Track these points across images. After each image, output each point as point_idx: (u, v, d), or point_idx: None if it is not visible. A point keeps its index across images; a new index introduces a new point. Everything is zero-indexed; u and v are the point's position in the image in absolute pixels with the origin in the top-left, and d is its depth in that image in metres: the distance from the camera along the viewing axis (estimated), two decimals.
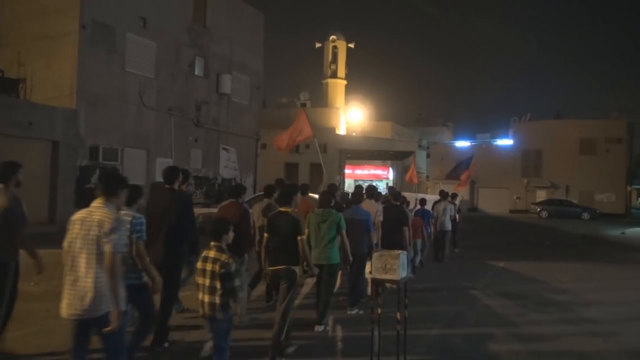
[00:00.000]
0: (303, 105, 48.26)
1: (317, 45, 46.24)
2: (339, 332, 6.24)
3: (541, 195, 42.13)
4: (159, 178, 18.13)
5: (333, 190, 8.32)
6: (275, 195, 7.10)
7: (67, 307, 3.49)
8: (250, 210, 6.83)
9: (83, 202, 4.08)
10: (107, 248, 3.42)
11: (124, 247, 3.65)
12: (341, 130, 43.43)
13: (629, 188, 43.10)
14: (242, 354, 5.09)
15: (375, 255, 4.98)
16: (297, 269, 5.30)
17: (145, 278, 4.53)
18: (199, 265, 4.24)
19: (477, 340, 6.23)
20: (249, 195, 15.13)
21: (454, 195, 14.86)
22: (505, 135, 50.05)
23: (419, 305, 7.48)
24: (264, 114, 30.59)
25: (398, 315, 4.94)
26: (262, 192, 8.25)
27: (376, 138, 43.16)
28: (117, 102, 17.21)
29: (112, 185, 3.68)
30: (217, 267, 4.10)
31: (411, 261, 10.08)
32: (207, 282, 4.15)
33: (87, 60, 16.06)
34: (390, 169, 47.12)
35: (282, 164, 37.67)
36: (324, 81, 46.18)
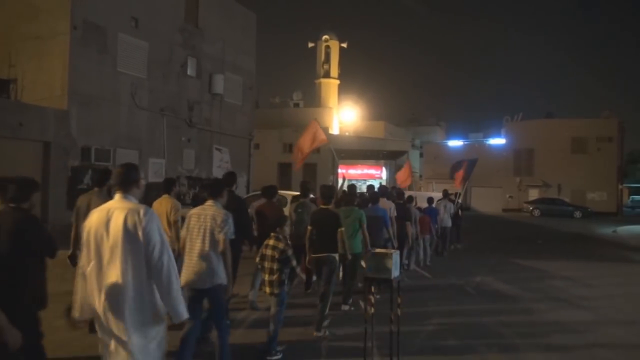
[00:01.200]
0: (296, 105, 48.31)
1: (310, 45, 46.23)
2: (334, 331, 6.25)
3: (533, 194, 42.35)
4: (152, 179, 18.12)
5: (353, 191, 9.52)
6: (312, 195, 8.34)
7: (186, 280, 4.44)
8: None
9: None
10: (221, 236, 4.51)
11: (232, 234, 4.66)
12: (334, 130, 43.47)
13: (620, 186, 43.40)
14: (294, 324, 6.23)
15: (368, 255, 5.02)
16: (337, 256, 6.38)
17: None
18: (262, 251, 5.34)
19: (469, 339, 6.25)
20: (243, 195, 15.07)
21: (457, 194, 16.07)
22: (498, 135, 50.27)
23: (410, 303, 7.52)
24: (257, 114, 30.55)
25: (392, 315, 4.96)
26: (257, 192, 8.96)
27: (369, 138, 43.21)
28: (109, 102, 17.12)
29: (218, 189, 4.87)
30: (275, 253, 5.19)
31: (414, 254, 11.22)
32: (268, 264, 5.23)
33: (79, 61, 15.97)
34: (384, 169, 47.18)
35: (276, 164, 37.66)
36: (317, 81, 46.17)
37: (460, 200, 16.06)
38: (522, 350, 5.89)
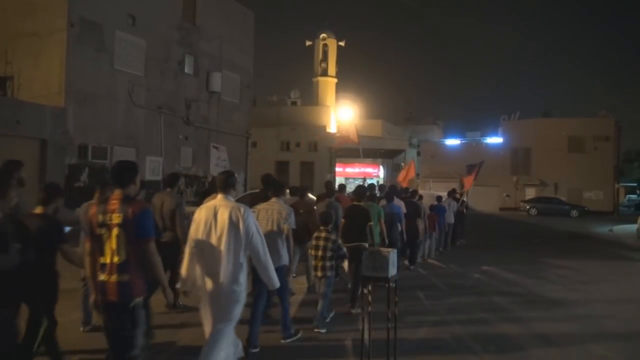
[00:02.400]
0: (293, 103, 48.31)
1: (308, 43, 46.21)
2: (331, 331, 6.26)
3: (530, 193, 42.43)
4: (149, 176, 18.10)
5: (372, 190, 10.35)
6: (337, 194, 9.30)
7: None
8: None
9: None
10: (286, 227, 5.65)
11: (294, 225, 5.77)
12: (332, 129, 43.46)
13: (616, 186, 43.51)
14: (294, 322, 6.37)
15: (365, 253, 5.04)
16: (366, 245, 7.17)
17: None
18: (313, 242, 6.35)
19: (466, 337, 6.27)
20: (239, 193, 15.09)
21: (461, 194, 17.44)
22: (495, 134, 50.34)
23: (408, 300, 7.54)
24: (255, 112, 30.55)
25: (389, 314, 4.97)
26: (253, 191, 9.36)
27: (367, 136, 43.21)
28: (106, 100, 17.09)
29: (280, 189, 6.01)
30: (328, 244, 6.26)
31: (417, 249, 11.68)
32: (320, 253, 6.26)
33: (76, 58, 15.93)
34: (381, 167, 47.23)
35: (273, 162, 37.65)
36: (315, 79, 46.16)
37: (466, 199, 17.16)
38: (522, 347, 5.91)
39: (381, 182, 42.45)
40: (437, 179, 42.16)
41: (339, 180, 43.03)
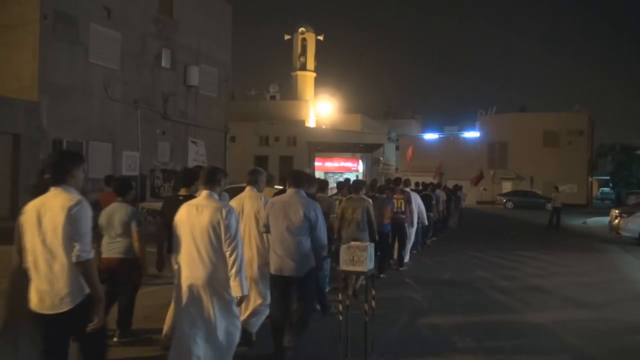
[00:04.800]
0: (272, 97, 48.12)
1: (286, 37, 45.99)
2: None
3: (507, 187, 43.09)
4: (126, 172, 17.86)
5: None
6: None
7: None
8: None
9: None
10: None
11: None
12: (311, 123, 43.43)
13: (590, 179, 44.43)
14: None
15: (343, 247, 5.05)
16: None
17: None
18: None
19: (444, 330, 6.36)
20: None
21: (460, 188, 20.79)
22: (472, 128, 50.93)
23: (385, 293, 7.60)
24: (233, 107, 30.34)
25: (366, 306, 5.01)
26: (234, 184, 9.00)
27: (346, 130, 43.31)
28: (81, 94, 16.79)
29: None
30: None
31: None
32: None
33: (49, 51, 15.60)
34: (360, 162, 47.39)
35: (252, 156, 37.48)
36: (293, 74, 46.02)
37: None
38: (497, 338, 6.02)
39: (360, 176, 42.67)
40: (415, 173, 42.44)
41: (317, 175, 43.12)
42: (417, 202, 11.59)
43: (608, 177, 57.16)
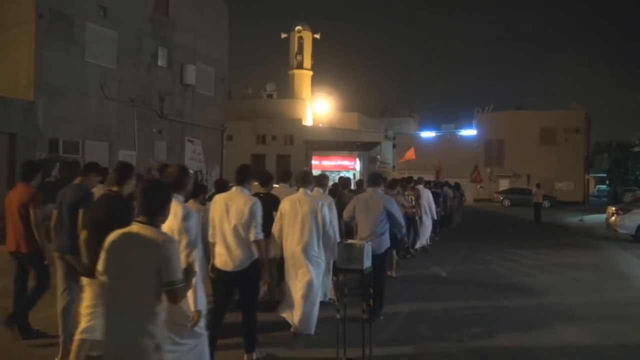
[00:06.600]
0: (269, 96, 48.06)
1: (283, 36, 45.91)
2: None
3: (504, 184, 43.16)
4: None
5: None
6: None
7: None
8: None
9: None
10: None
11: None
12: (307, 122, 43.38)
13: (586, 176, 44.53)
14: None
15: (340, 245, 5.06)
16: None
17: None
18: None
19: (442, 327, 6.37)
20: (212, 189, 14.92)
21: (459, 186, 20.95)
22: (469, 126, 50.97)
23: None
24: (230, 106, 30.31)
25: (364, 305, 5.01)
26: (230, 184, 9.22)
27: (343, 129, 43.28)
28: (77, 93, 16.74)
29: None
30: None
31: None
32: None
33: (45, 51, 15.55)
34: (357, 160, 47.37)
35: (249, 155, 37.42)
36: (290, 72, 45.96)
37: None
38: (493, 336, 6.03)
39: (357, 175, 42.68)
40: (411, 171, 42.49)
41: (315, 173, 43.07)
42: (427, 197, 12.85)
43: (605, 175, 57.35)
